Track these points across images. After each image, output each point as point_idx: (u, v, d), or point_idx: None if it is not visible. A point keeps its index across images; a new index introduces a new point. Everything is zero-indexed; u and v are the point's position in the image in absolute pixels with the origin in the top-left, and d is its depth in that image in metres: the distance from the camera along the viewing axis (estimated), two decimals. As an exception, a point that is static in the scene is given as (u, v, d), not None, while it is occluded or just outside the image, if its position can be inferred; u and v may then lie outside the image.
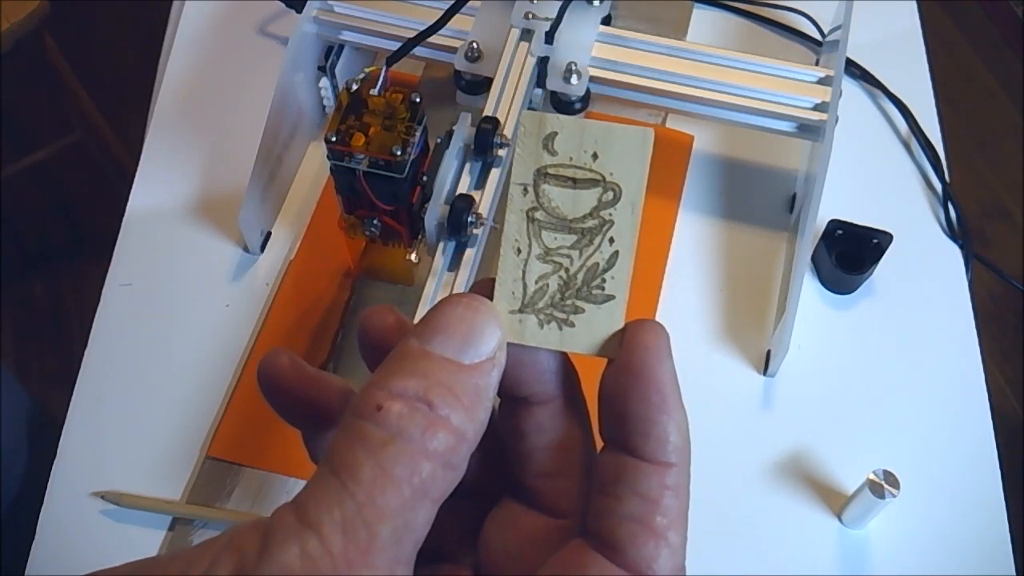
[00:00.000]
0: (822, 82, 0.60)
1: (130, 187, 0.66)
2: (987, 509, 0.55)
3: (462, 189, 0.53)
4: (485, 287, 0.24)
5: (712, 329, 0.61)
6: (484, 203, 0.53)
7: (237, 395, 0.58)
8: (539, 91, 0.60)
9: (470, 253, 0.52)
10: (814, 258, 0.63)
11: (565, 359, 0.25)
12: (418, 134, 0.51)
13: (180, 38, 0.74)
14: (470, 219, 0.51)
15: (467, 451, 0.21)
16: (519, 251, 0.24)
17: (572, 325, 0.24)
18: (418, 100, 0.52)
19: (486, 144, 0.53)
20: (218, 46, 0.74)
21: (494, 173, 0.54)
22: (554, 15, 0.58)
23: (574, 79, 0.59)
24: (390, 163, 0.50)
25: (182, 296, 0.62)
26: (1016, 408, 1.39)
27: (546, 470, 0.25)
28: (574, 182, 0.24)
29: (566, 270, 0.24)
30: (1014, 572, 0.53)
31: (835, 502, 0.55)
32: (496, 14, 0.60)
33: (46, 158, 1.41)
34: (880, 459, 0.53)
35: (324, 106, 0.67)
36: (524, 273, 0.24)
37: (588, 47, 0.60)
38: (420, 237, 0.54)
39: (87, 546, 0.53)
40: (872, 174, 0.68)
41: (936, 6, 1.79)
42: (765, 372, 0.59)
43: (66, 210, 1.58)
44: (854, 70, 0.72)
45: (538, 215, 0.24)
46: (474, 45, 0.59)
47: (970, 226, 0.66)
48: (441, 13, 0.58)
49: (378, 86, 0.52)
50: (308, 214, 0.65)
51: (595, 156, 0.24)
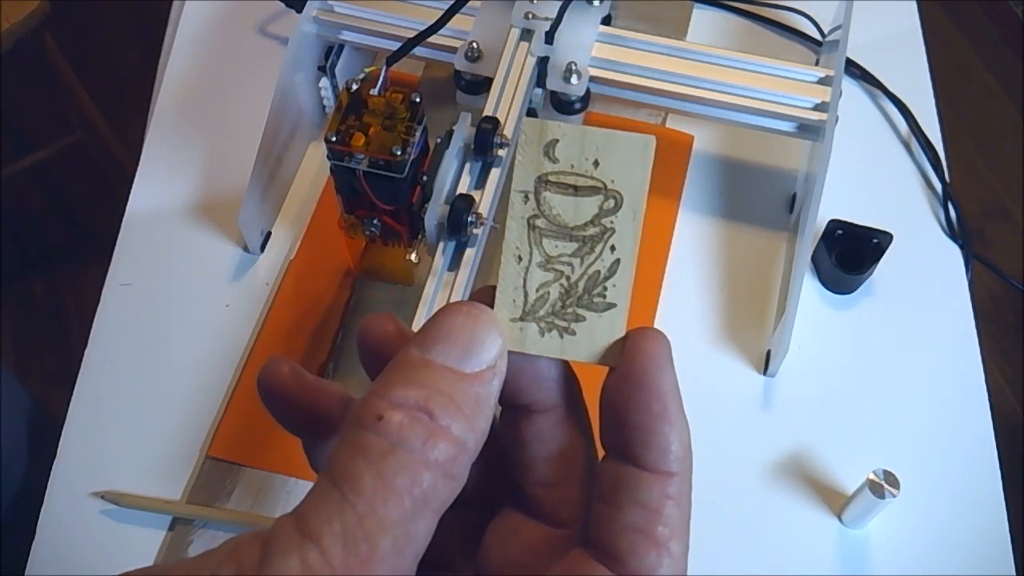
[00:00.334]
0: (822, 82, 0.60)
1: (130, 187, 0.66)
2: (987, 509, 0.55)
3: (462, 189, 0.53)
4: (486, 295, 0.24)
5: (712, 329, 0.61)
6: (484, 203, 0.53)
7: (237, 395, 0.58)
8: (539, 91, 0.60)
9: (470, 253, 0.52)
10: (814, 258, 0.63)
11: (566, 367, 0.25)
12: (418, 134, 0.51)
13: (180, 38, 0.74)
14: (470, 219, 0.51)
15: (468, 461, 0.21)
16: (520, 259, 0.24)
17: (573, 333, 0.24)
18: (418, 100, 0.52)
19: (486, 144, 0.53)
20: (218, 46, 0.74)
21: (494, 173, 0.54)
22: (554, 15, 0.58)
23: (574, 79, 0.59)
24: (390, 163, 0.50)
25: (182, 296, 0.62)
26: (1016, 408, 1.39)
27: (547, 479, 0.25)
28: (575, 189, 0.24)
29: (567, 278, 0.24)
30: (1014, 572, 0.53)
31: (835, 502, 0.55)
32: (496, 14, 0.60)
33: (46, 158, 1.41)
34: (880, 459, 0.53)
35: (324, 106, 0.67)
36: (525, 281, 0.24)
37: (588, 47, 0.60)
38: (420, 237, 0.54)
39: (87, 546, 0.53)
40: (872, 174, 0.68)
41: (936, 6, 1.79)
42: (765, 372, 0.59)
43: (66, 210, 1.58)
44: (854, 70, 0.72)
45: (539, 222, 0.24)
46: (474, 45, 0.59)
47: (970, 226, 0.66)
48: (441, 13, 0.58)
49: (378, 86, 0.52)
50: (308, 214, 0.65)
51: (596, 163, 0.24)
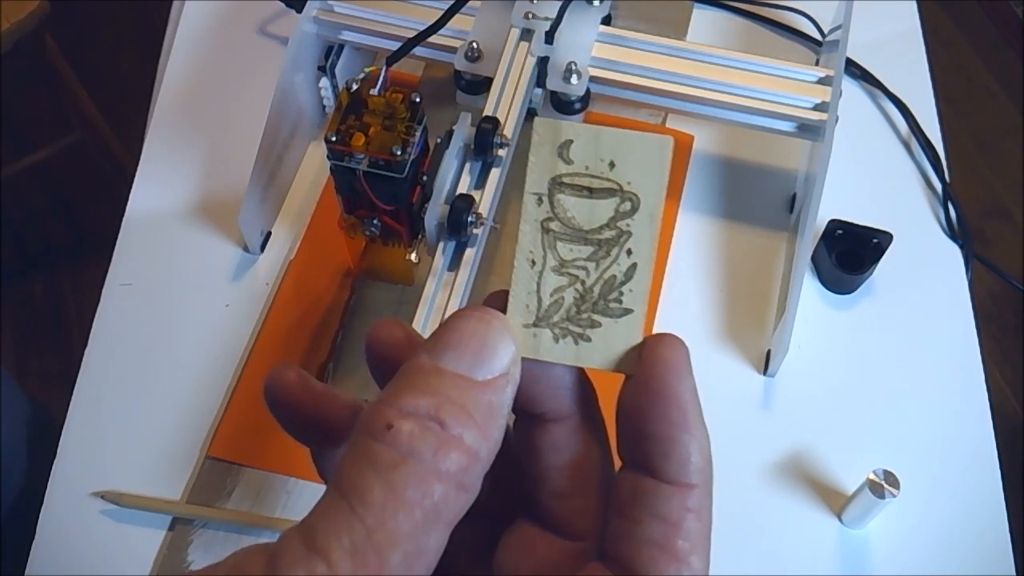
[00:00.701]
0: (822, 82, 0.60)
1: (130, 187, 0.66)
2: (987, 509, 0.55)
3: (462, 189, 0.53)
4: (498, 300, 0.23)
5: (712, 329, 0.61)
6: (484, 203, 0.53)
7: (237, 395, 0.58)
8: (539, 91, 0.60)
9: (470, 253, 0.52)
10: (814, 258, 0.63)
11: (582, 375, 0.24)
12: (418, 134, 0.51)
13: (180, 38, 0.74)
14: (470, 219, 0.51)
15: (481, 471, 0.20)
16: (533, 263, 0.23)
17: (588, 340, 0.23)
18: (418, 100, 0.52)
19: (486, 144, 0.53)
20: (218, 46, 0.74)
21: (494, 173, 0.54)
22: (554, 15, 0.58)
23: (574, 79, 0.59)
24: (390, 163, 0.50)
25: (182, 296, 0.62)
26: (1016, 408, 1.39)
27: (562, 490, 0.24)
28: (590, 191, 0.23)
29: (582, 282, 0.23)
30: (1014, 572, 0.53)
31: (835, 502, 0.55)
32: (496, 14, 0.60)
33: (46, 158, 1.41)
34: (880, 459, 0.53)
35: (324, 106, 0.67)
36: (539, 286, 0.23)
37: (588, 47, 0.60)
38: (420, 237, 0.54)
39: (87, 546, 0.53)
40: (872, 174, 0.68)
41: (936, 6, 1.79)
42: (765, 372, 0.59)
43: (66, 210, 1.58)
44: (854, 70, 0.72)
45: (553, 225, 0.23)
46: (474, 45, 0.59)
47: (970, 226, 0.66)
48: (441, 13, 0.58)
49: (378, 86, 0.52)
50: (308, 214, 0.65)
51: (612, 165, 0.23)
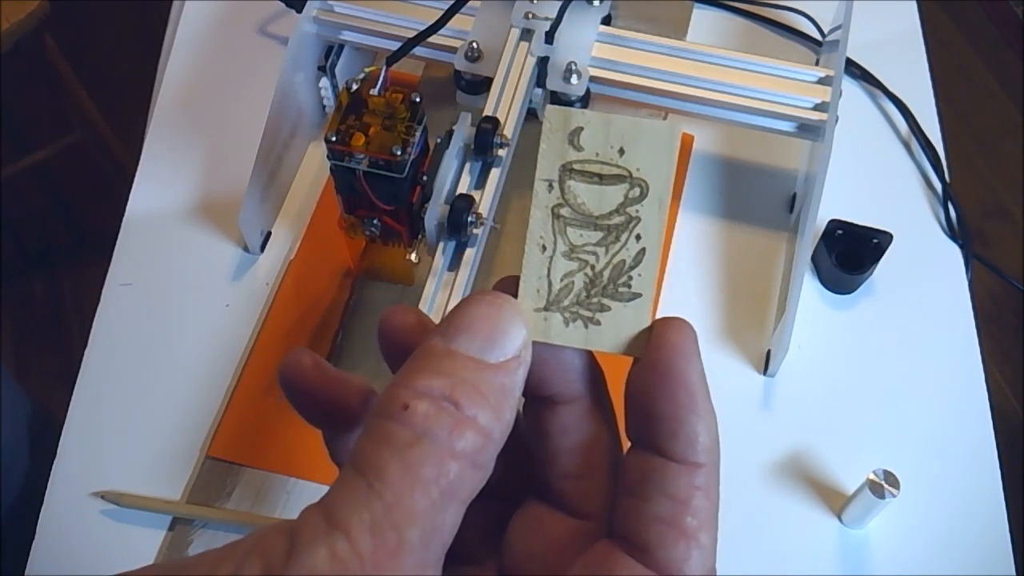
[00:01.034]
0: (822, 82, 0.60)
1: (130, 187, 0.66)
2: (987, 509, 0.55)
3: (462, 189, 0.53)
4: (509, 285, 0.24)
5: (712, 329, 0.61)
6: (484, 203, 0.53)
7: (237, 395, 0.58)
8: (539, 91, 0.60)
9: (470, 253, 0.52)
10: (814, 258, 0.63)
11: (591, 358, 0.24)
12: (418, 134, 0.51)
13: (180, 38, 0.74)
14: (470, 219, 0.51)
15: (494, 451, 0.21)
16: (544, 248, 0.24)
17: (598, 323, 0.24)
18: (418, 100, 0.52)
19: (486, 144, 0.53)
20: (218, 46, 0.74)
21: (494, 173, 0.54)
22: (554, 15, 0.58)
23: (574, 79, 0.59)
24: (390, 163, 0.50)
25: (182, 296, 0.62)
26: (1016, 408, 1.39)
27: (571, 471, 0.24)
28: (600, 178, 0.24)
29: (592, 267, 0.24)
30: (1014, 572, 0.53)
31: (835, 502, 0.55)
32: (496, 14, 0.60)
33: (46, 158, 1.41)
34: (880, 459, 0.53)
35: (324, 106, 0.67)
36: (549, 270, 0.24)
37: (588, 47, 0.60)
38: (420, 237, 0.54)
39: (87, 546, 0.53)
40: (872, 174, 0.68)
41: (936, 6, 1.79)
42: (765, 372, 0.59)
43: (66, 210, 1.58)
44: (854, 70, 0.72)
45: (563, 211, 0.24)
46: (474, 45, 0.59)
47: (970, 226, 0.66)
48: (441, 13, 0.58)
49: (378, 86, 0.52)
50: (308, 214, 0.65)
51: (621, 151, 0.23)
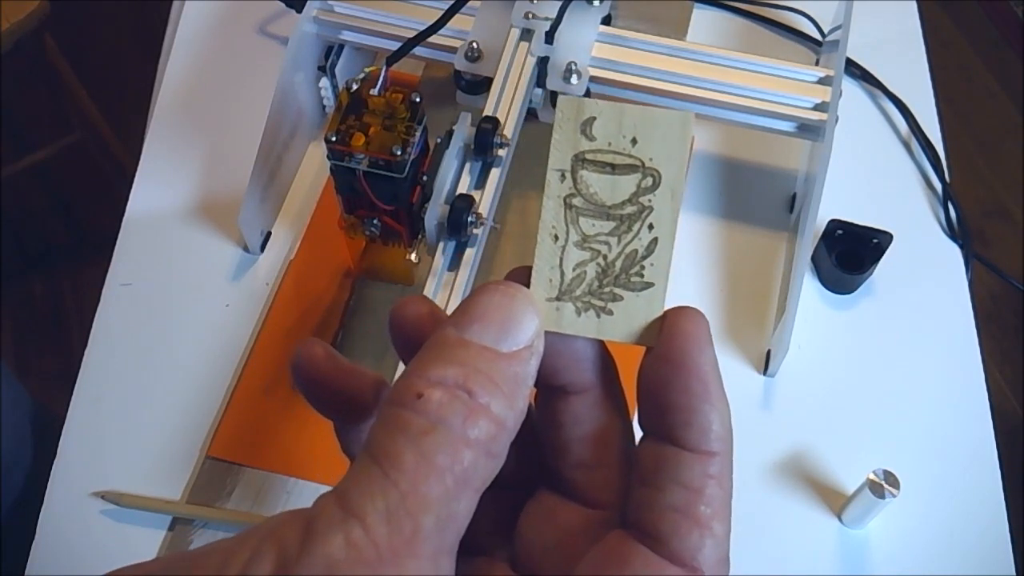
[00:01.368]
0: (822, 82, 0.60)
1: (130, 187, 0.66)
2: (987, 509, 0.55)
3: (462, 189, 0.53)
4: (521, 275, 0.24)
5: (712, 329, 0.60)
6: (484, 203, 0.53)
7: (237, 395, 0.58)
8: (539, 91, 0.60)
9: (470, 253, 0.52)
10: (814, 258, 0.63)
11: (603, 348, 0.24)
12: (418, 134, 0.51)
13: (180, 38, 0.74)
14: (470, 219, 0.51)
15: (507, 439, 0.21)
16: (556, 238, 0.24)
17: (610, 313, 0.24)
18: (418, 100, 0.52)
19: (486, 144, 0.53)
20: (218, 46, 0.74)
21: (494, 173, 0.54)
22: (554, 15, 0.58)
23: (574, 79, 0.59)
24: (390, 163, 0.50)
25: (182, 296, 0.62)
26: (1016, 408, 1.39)
27: (584, 461, 0.24)
28: (613, 168, 0.23)
29: (604, 257, 0.24)
30: (1014, 572, 0.53)
31: (835, 502, 0.55)
32: (496, 14, 0.60)
33: (46, 158, 1.41)
34: (880, 459, 0.53)
35: (324, 106, 0.67)
36: (561, 260, 0.24)
37: (588, 47, 0.60)
38: (420, 237, 0.54)
39: (87, 546, 0.53)
40: (872, 174, 0.68)
41: (936, 6, 1.79)
42: (765, 372, 0.59)
43: (66, 210, 1.58)
44: (854, 70, 0.72)
45: (576, 201, 0.24)
46: (474, 45, 0.59)
47: (970, 226, 0.66)
48: (441, 13, 0.58)
49: (378, 86, 0.52)
50: (308, 214, 0.65)
51: (634, 141, 0.23)
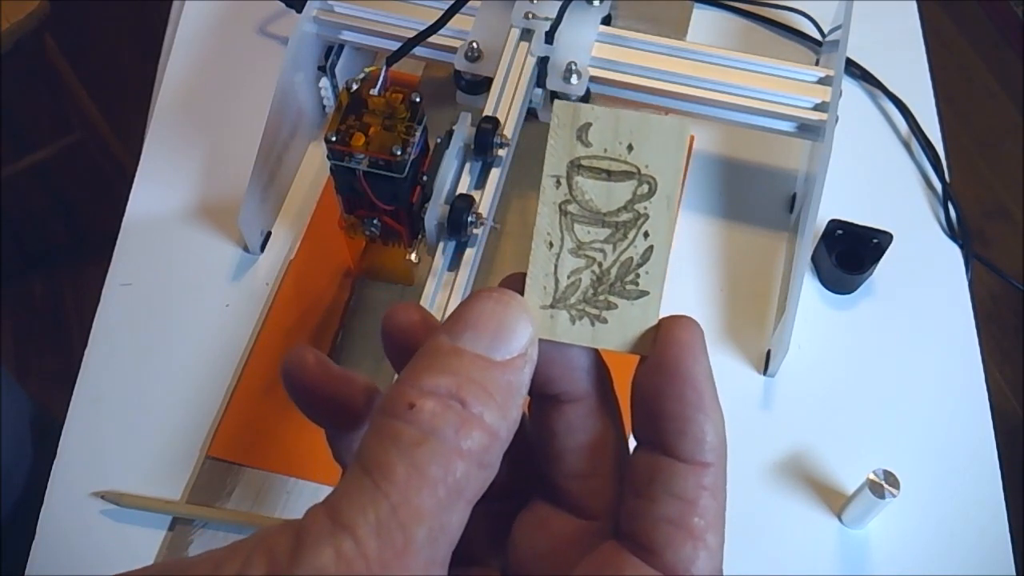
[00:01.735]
0: (822, 82, 0.60)
1: (130, 187, 0.66)
2: (987, 509, 0.55)
3: (462, 189, 0.53)
4: (515, 282, 0.24)
5: (712, 329, 0.61)
6: (484, 203, 0.53)
7: (237, 395, 0.58)
8: (539, 91, 0.60)
9: (470, 253, 0.52)
10: (814, 258, 0.63)
11: (597, 356, 0.24)
12: (418, 134, 0.51)
13: (180, 38, 0.74)
14: (470, 219, 0.51)
15: (500, 450, 0.21)
16: (551, 245, 0.23)
17: (605, 321, 0.23)
18: (418, 100, 0.52)
19: (486, 144, 0.53)
20: (218, 46, 0.74)
21: (494, 173, 0.54)
22: (554, 15, 0.58)
23: (574, 79, 0.59)
24: (390, 163, 0.50)
25: (182, 296, 0.62)
26: (1016, 408, 1.39)
27: (577, 470, 0.24)
28: (608, 174, 0.23)
29: (599, 264, 0.23)
30: (1014, 572, 0.53)
31: (835, 502, 0.55)
32: (496, 14, 0.60)
33: (46, 158, 1.41)
34: (880, 459, 0.53)
35: (324, 106, 0.67)
36: (556, 267, 0.23)
37: (588, 47, 0.60)
38: (420, 237, 0.54)
39: (87, 546, 0.53)
40: (872, 174, 0.68)
41: (936, 6, 1.79)
42: (765, 372, 0.59)
43: (66, 210, 1.58)
44: (854, 70, 0.72)
45: (571, 208, 0.23)
46: (474, 45, 0.59)
47: (970, 226, 0.66)
48: (441, 13, 0.58)
49: (378, 86, 0.52)
50: (308, 214, 0.65)
51: (630, 148, 0.23)
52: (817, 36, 0.74)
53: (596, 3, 0.60)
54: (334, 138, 0.51)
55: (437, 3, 0.61)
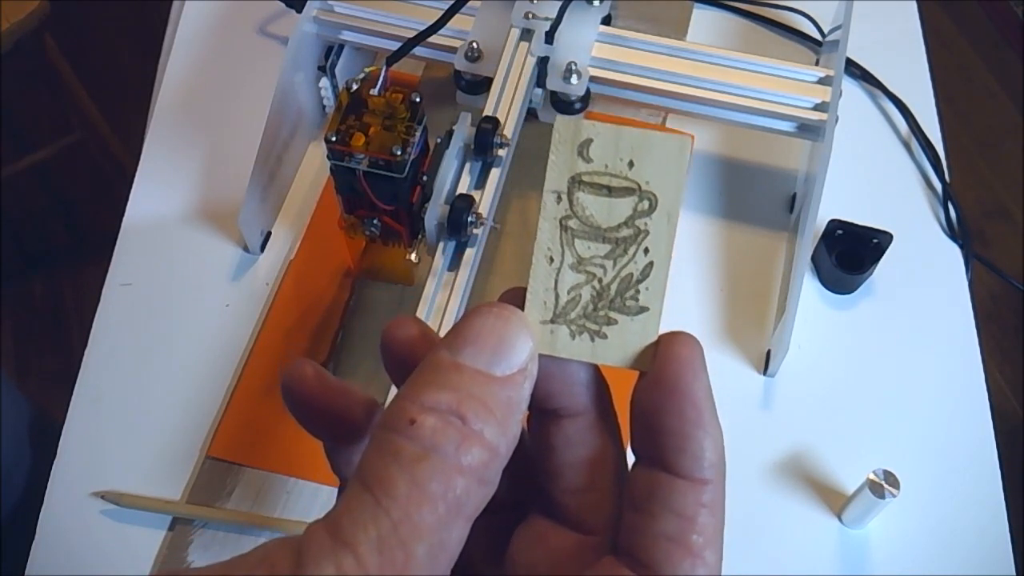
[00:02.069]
0: (822, 82, 0.60)
1: (130, 187, 0.66)
2: (987, 509, 0.55)
3: (462, 189, 0.53)
4: (515, 296, 0.24)
5: (712, 329, 0.61)
6: (484, 203, 0.53)
7: (237, 395, 0.58)
8: (539, 91, 0.60)
9: (470, 253, 0.52)
10: (814, 258, 0.63)
11: (596, 371, 0.24)
12: (418, 134, 0.51)
13: (180, 38, 0.74)
14: (470, 219, 0.51)
15: (500, 466, 0.21)
16: (551, 260, 0.23)
17: (605, 337, 0.23)
18: (418, 100, 0.52)
19: (486, 144, 0.53)
20: (218, 46, 0.74)
21: (494, 173, 0.54)
22: (554, 15, 0.58)
23: (574, 79, 0.59)
24: (390, 163, 0.50)
25: (182, 296, 0.62)
26: (1016, 408, 1.39)
27: (576, 485, 0.24)
28: (609, 190, 0.23)
29: (599, 280, 0.23)
30: (1014, 572, 0.53)
31: (835, 502, 0.55)
32: (496, 14, 0.60)
33: (46, 158, 1.41)
34: (880, 459, 0.53)
35: (324, 106, 0.67)
36: (556, 283, 0.23)
37: (588, 47, 0.60)
38: (420, 237, 0.54)
39: (87, 546, 0.53)
40: (872, 174, 0.68)
41: (936, 6, 1.79)
42: (765, 372, 0.59)
43: (66, 210, 1.58)
44: (854, 70, 0.72)
45: (572, 223, 0.23)
46: (474, 45, 0.59)
47: (970, 226, 0.66)
48: (441, 13, 0.58)
49: (378, 86, 0.52)
50: (308, 214, 0.65)
51: (631, 164, 0.23)
52: (817, 36, 0.74)
53: (596, 3, 0.60)
54: (334, 138, 0.51)
55: (437, 3, 0.61)
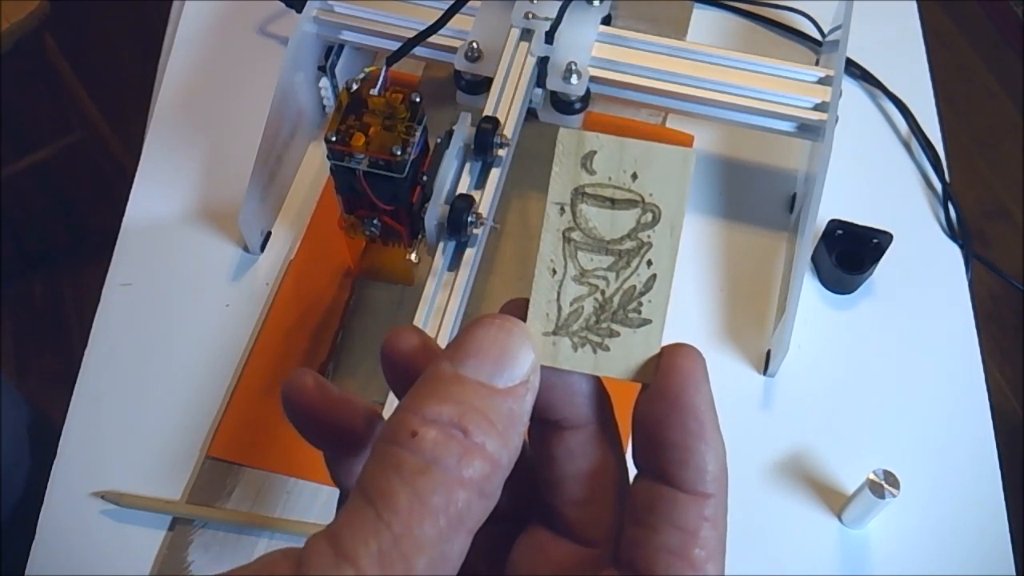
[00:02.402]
0: (822, 82, 0.60)
1: (130, 187, 0.66)
2: (987, 509, 0.55)
3: (462, 189, 0.53)
4: (517, 307, 0.24)
5: (712, 329, 0.61)
6: (484, 203, 0.53)
7: (237, 395, 0.58)
8: (539, 91, 0.60)
9: (470, 253, 0.52)
10: (814, 258, 0.63)
11: (598, 384, 0.24)
12: (418, 134, 0.51)
13: (180, 38, 0.74)
14: (470, 219, 0.51)
15: (502, 478, 0.21)
16: (554, 272, 0.23)
17: (607, 349, 0.23)
18: (418, 100, 0.52)
19: (486, 144, 0.53)
20: (218, 46, 0.74)
21: (494, 173, 0.54)
22: (554, 15, 0.58)
23: (574, 79, 0.59)
24: (390, 163, 0.50)
25: (182, 296, 0.62)
26: (1016, 408, 1.39)
27: (577, 497, 0.24)
28: (612, 202, 0.23)
29: (602, 292, 0.23)
30: (1014, 572, 0.53)
31: (835, 502, 0.55)
32: (496, 14, 0.60)
33: (46, 158, 1.41)
34: (880, 459, 0.53)
35: (324, 106, 0.67)
36: (559, 294, 0.23)
37: (588, 47, 0.60)
38: (420, 237, 0.54)
39: (87, 546, 0.53)
40: (872, 174, 0.68)
41: (936, 6, 1.79)
42: (765, 372, 0.59)
43: (66, 210, 1.58)
44: (854, 70, 0.72)
45: (575, 235, 0.23)
46: (474, 45, 0.59)
47: (970, 226, 0.66)
48: (441, 13, 0.58)
49: (378, 86, 0.52)
50: (308, 214, 0.65)
51: (634, 176, 0.23)
52: (817, 36, 0.74)
53: (596, 3, 0.60)
54: (334, 138, 0.51)
55: (437, 3, 0.61)
